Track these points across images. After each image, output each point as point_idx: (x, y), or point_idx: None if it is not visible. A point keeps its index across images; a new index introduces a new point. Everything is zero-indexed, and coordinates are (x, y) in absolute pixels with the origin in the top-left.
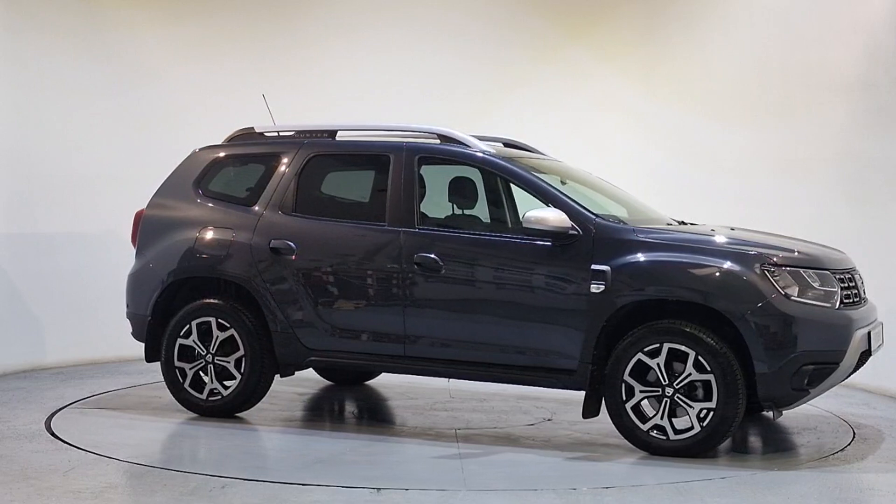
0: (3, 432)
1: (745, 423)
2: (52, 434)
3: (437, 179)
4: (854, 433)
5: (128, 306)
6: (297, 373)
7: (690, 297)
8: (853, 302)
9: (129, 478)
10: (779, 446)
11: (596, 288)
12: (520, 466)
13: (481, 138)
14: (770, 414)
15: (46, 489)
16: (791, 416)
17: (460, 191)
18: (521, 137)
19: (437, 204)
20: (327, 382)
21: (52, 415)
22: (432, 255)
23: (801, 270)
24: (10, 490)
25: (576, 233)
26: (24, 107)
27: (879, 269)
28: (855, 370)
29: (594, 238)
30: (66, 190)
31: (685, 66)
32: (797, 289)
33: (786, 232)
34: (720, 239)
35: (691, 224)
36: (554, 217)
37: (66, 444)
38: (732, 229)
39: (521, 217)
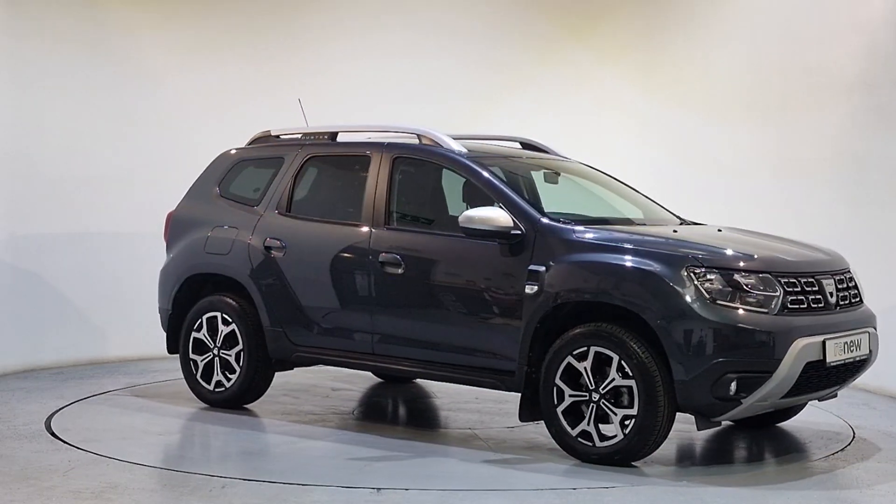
0: (3, 432)
1: (745, 426)
2: (52, 434)
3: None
4: (854, 433)
5: (158, 301)
6: (297, 368)
7: (610, 299)
8: (809, 308)
9: (129, 478)
10: (779, 446)
11: (530, 289)
12: (428, 467)
13: (497, 138)
14: (697, 423)
15: (46, 489)
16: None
17: (474, 191)
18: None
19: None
20: (376, 380)
21: (52, 415)
22: (395, 254)
23: (735, 273)
24: (10, 490)
25: (519, 232)
26: (24, 107)
27: (879, 269)
28: (841, 381)
29: (536, 238)
30: (67, 190)
31: (685, 66)
32: (728, 293)
33: (786, 232)
34: (661, 240)
35: (693, 224)
36: (493, 217)
37: (66, 444)
38: (720, 230)
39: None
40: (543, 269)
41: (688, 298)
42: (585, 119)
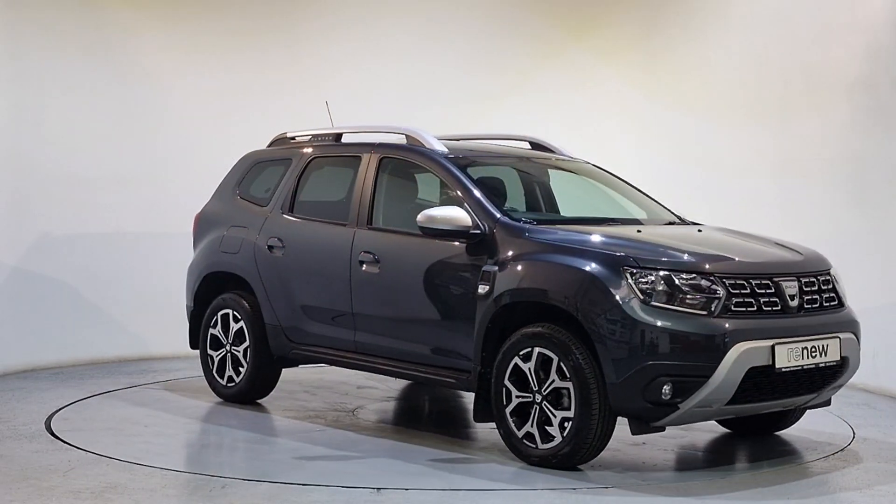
0: (3, 432)
1: (743, 433)
2: (52, 434)
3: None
4: (854, 433)
5: (185, 298)
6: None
7: (549, 300)
8: (760, 310)
9: (129, 478)
10: (779, 446)
11: (482, 289)
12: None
13: (506, 137)
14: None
15: (46, 489)
16: None
17: (486, 189)
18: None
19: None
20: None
21: (52, 415)
22: (372, 254)
23: (673, 274)
24: (10, 490)
25: (479, 232)
26: (24, 107)
27: (879, 269)
28: (811, 389)
29: (493, 238)
30: (66, 190)
31: (685, 66)
32: (666, 294)
33: (786, 232)
34: (611, 241)
35: (691, 224)
36: (451, 216)
37: (66, 444)
38: (700, 231)
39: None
40: (495, 269)
41: (621, 299)
42: (585, 119)
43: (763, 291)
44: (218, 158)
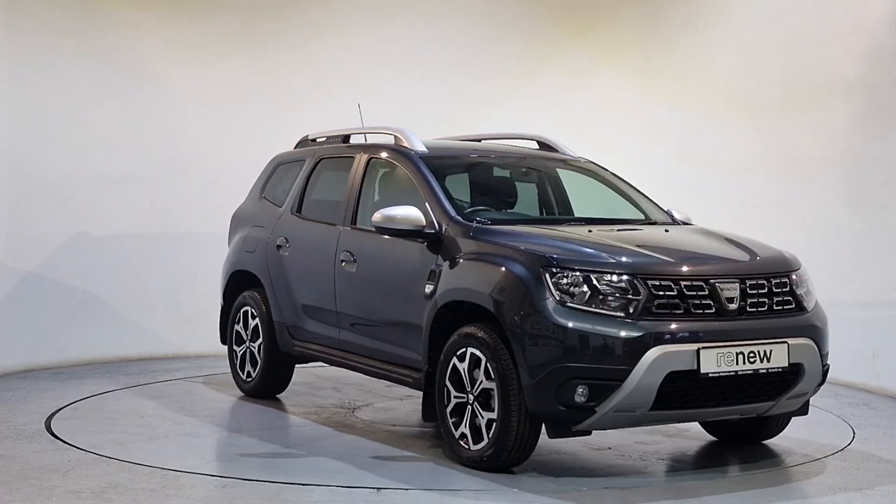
0: (3, 432)
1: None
2: (52, 434)
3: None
4: (854, 433)
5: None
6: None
7: (475, 299)
8: (688, 313)
9: (129, 478)
10: (779, 446)
11: (428, 288)
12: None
13: (513, 136)
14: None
15: (46, 489)
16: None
17: (495, 189)
18: None
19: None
20: None
21: (52, 415)
22: (350, 253)
23: (591, 275)
24: (10, 490)
25: (432, 231)
26: (24, 107)
27: (878, 269)
28: (764, 396)
29: (445, 237)
30: (67, 190)
31: (685, 66)
32: (583, 294)
33: (784, 232)
34: (542, 241)
35: (680, 223)
36: (405, 215)
37: (66, 444)
38: (667, 231)
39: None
40: (442, 268)
41: (537, 300)
42: (586, 119)
43: (694, 294)
44: (218, 158)
